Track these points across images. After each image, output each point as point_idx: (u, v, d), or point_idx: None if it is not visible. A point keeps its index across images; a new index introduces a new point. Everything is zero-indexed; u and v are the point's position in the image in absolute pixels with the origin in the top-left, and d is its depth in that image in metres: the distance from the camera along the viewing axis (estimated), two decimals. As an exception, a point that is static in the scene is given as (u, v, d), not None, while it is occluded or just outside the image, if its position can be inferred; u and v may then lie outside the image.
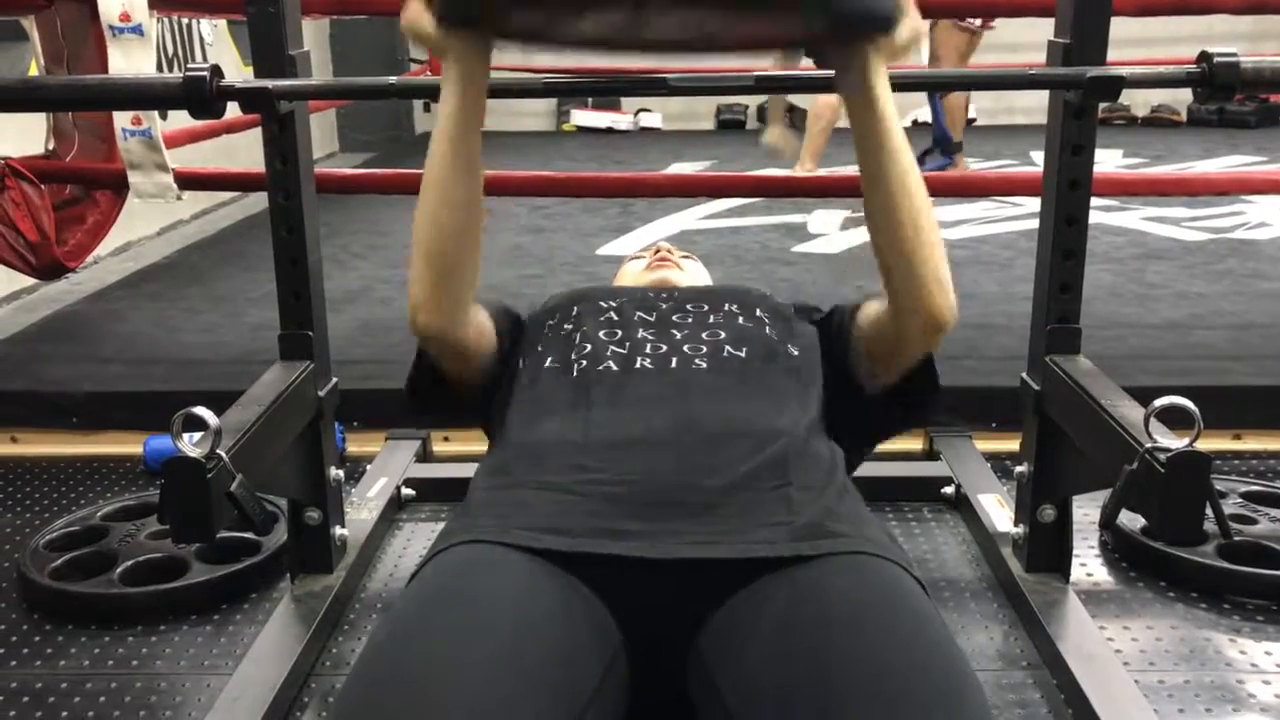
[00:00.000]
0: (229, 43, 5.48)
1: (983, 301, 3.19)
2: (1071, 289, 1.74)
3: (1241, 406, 2.44)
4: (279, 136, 1.70)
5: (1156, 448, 1.33)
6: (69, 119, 2.92)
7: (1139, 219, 4.29)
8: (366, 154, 6.92)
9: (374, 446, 2.39)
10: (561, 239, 4.11)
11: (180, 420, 1.32)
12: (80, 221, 3.00)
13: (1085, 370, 1.69)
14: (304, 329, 1.78)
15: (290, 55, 1.68)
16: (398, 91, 1.64)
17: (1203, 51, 1.48)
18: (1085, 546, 1.97)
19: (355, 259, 3.89)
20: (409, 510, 2.19)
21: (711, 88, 1.53)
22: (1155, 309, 3.10)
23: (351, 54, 6.94)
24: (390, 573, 1.95)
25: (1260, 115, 7.10)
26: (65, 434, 2.53)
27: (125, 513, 2.08)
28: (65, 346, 2.99)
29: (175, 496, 1.34)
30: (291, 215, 1.74)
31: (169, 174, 2.66)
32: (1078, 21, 1.63)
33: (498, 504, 1.23)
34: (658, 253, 1.81)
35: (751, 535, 1.15)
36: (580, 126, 7.67)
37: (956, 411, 2.42)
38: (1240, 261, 3.65)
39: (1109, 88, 1.54)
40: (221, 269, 3.87)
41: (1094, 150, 1.70)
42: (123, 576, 1.84)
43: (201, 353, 2.86)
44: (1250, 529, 1.93)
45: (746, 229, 4.25)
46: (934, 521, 2.11)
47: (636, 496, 1.18)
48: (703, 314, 1.48)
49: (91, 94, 1.76)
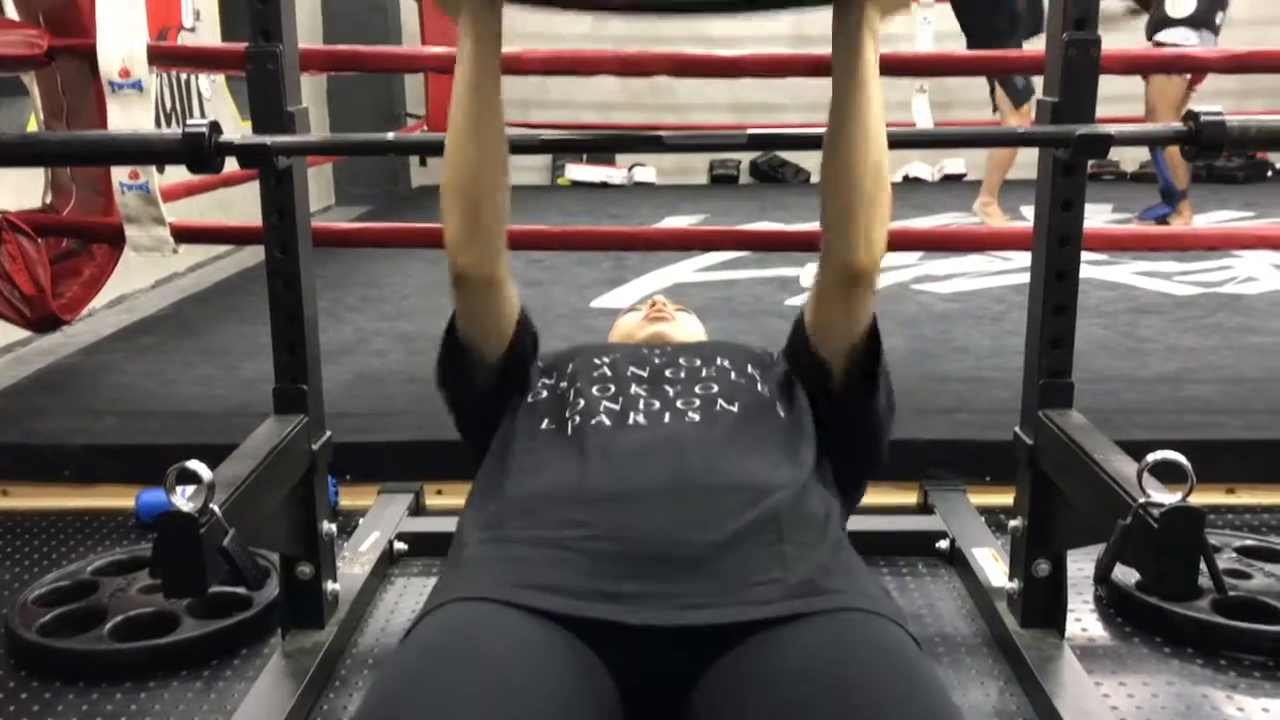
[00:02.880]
0: (227, 98, 5.52)
1: (975, 355, 3.20)
2: (1063, 343, 1.76)
3: (1234, 461, 2.44)
4: (276, 191, 1.72)
5: (1150, 503, 1.33)
6: (67, 173, 2.94)
7: (1129, 273, 4.32)
8: (362, 207, 6.95)
9: (367, 500, 2.38)
10: (557, 291, 4.13)
11: (174, 474, 1.32)
12: (76, 274, 3.00)
13: (1078, 425, 1.69)
14: (299, 383, 1.78)
15: (289, 111, 1.70)
16: (396, 148, 1.66)
17: (1189, 110, 1.50)
18: (1080, 601, 1.96)
19: (350, 311, 3.90)
20: (401, 565, 2.18)
21: (705, 144, 1.55)
22: (1147, 363, 3.12)
23: (348, 109, 7.00)
24: (382, 628, 1.94)
25: (1248, 171, 7.17)
26: (58, 487, 2.51)
27: (116, 567, 2.06)
28: (59, 399, 2.99)
29: (167, 551, 1.33)
30: (288, 269, 1.75)
31: (165, 227, 2.67)
32: (1066, 80, 1.66)
33: (492, 560, 1.22)
34: (653, 305, 1.82)
35: (745, 595, 1.14)
36: (575, 180, 7.72)
37: (950, 465, 2.42)
38: (1230, 316, 3.67)
39: (1098, 145, 1.56)
40: (216, 322, 3.88)
41: (1084, 206, 1.72)
42: (112, 632, 1.82)
43: (196, 405, 2.86)
44: (1245, 584, 1.92)
45: (739, 282, 4.28)
46: (929, 576, 2.10)
47: (631, 553, 1.18)
48: (695, 369, 1.49)
49: (91, 149, 1.77)
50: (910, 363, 3.09)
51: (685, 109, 7.41)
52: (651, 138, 1.52)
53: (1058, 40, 1.68)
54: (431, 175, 7.55)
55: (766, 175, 7.73)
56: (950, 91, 6.98)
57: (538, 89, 7.07)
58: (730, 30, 7.33)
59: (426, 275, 4.33)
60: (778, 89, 7.11)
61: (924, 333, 3.47)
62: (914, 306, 3.82)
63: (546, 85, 6.99)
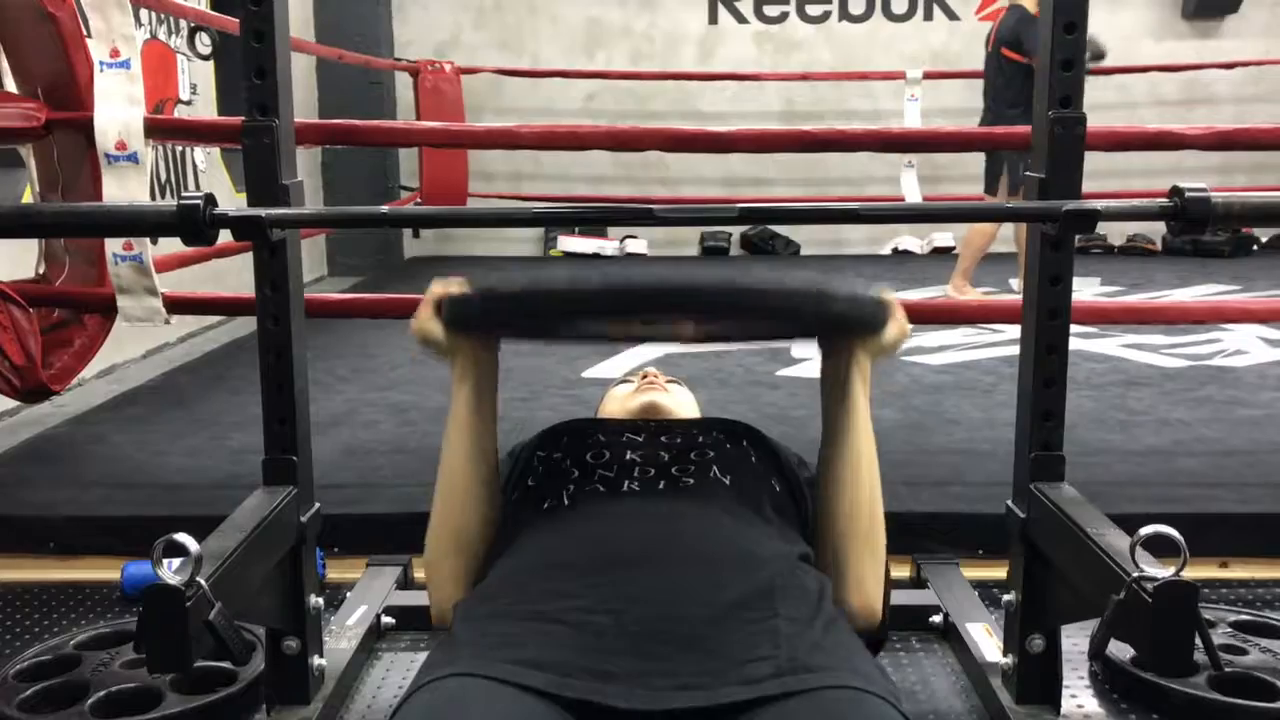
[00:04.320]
0: (221, 169, 5.57)
1: (966, 427, 3.20)
2: (1054, 416, 1.76)
3: (1228, 534, 2.43)
4: (270, 263, 1.72)
5: (1144, 577, 1.32)
6: (61, 243, 2.95)
7: (1118, 345, 4.34)
8: (355, 278, 6.98)
9: (354, 573, 2.35)
10: (548, 362, 4.13)
11: (161, 547, 1.30)
12: (67, 345, 3.00)
13: (1070, 498, 1.69)
14: (288, 454, 1.77)
15: (284, 185, 1.71)
16: (390, 220, 1.67)
17: (1174, 186, 1.52)
18: (1075, 677, 1.94)
19: (341, 382, 3.89)
20: (389, 639, 2.15)
21: (697, 218, 1.56)
22: (1138, 435, 3.12)
23: (342, 181, 7.05)
24: (368, 704, 1.91)
25: (1234, 245, 7.25)
26: (42, 559, 2.48)
27: (99, 641, 2.03)
28: (46, 469, 2.96)
29: (153, 625, 1.31)
30: (279, 340, 1.75)
31: (158, 298, 2.68)
32: (1053, 157, 1.68)
33: (483, 634, 1.21)
34: (645, 377, 1.83)
35: (737, 674, 1.13)
36: (567, 252, 7.77)
37: (943, 538, 2.41)
38: (1220, 389, 3.68)
39: (1085, 221, 1.57)
40: (206, 392, 3.87)
41: (1072, 280, 1.74)
42: (94, 708, 1.79)
43: (184, 477, 2.84)
44: (1241, 659, 1.91)
45: (730, 353, 4.28)
46: (922, 651, 2.08)
47: (621, 627, 1.17)
48: (691, 436, 1.49)
49: (86, 221, 1.78)
50: (901, 435, 3.09)
51: (676, 182, 7.50)
52: (643, 211, 1.54)
53: (1044, 117, 1.70)
54: (424, 247, 7.61)
55: (757, 248, 7.78)
56: (938, 166, 7.08)
57: (531, 162, 7.14)
58: (721, 106, 7.45)
59: (417, 347, 4.33)
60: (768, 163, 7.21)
61: (915, 404, 3.48)
62: (905, 378, 3.83)
63: (540, 158, 7.07)
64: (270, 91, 1.71)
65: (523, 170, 7.17)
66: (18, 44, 2.80)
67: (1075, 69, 1.69)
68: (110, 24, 2.56)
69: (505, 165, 7.23)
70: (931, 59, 7.43)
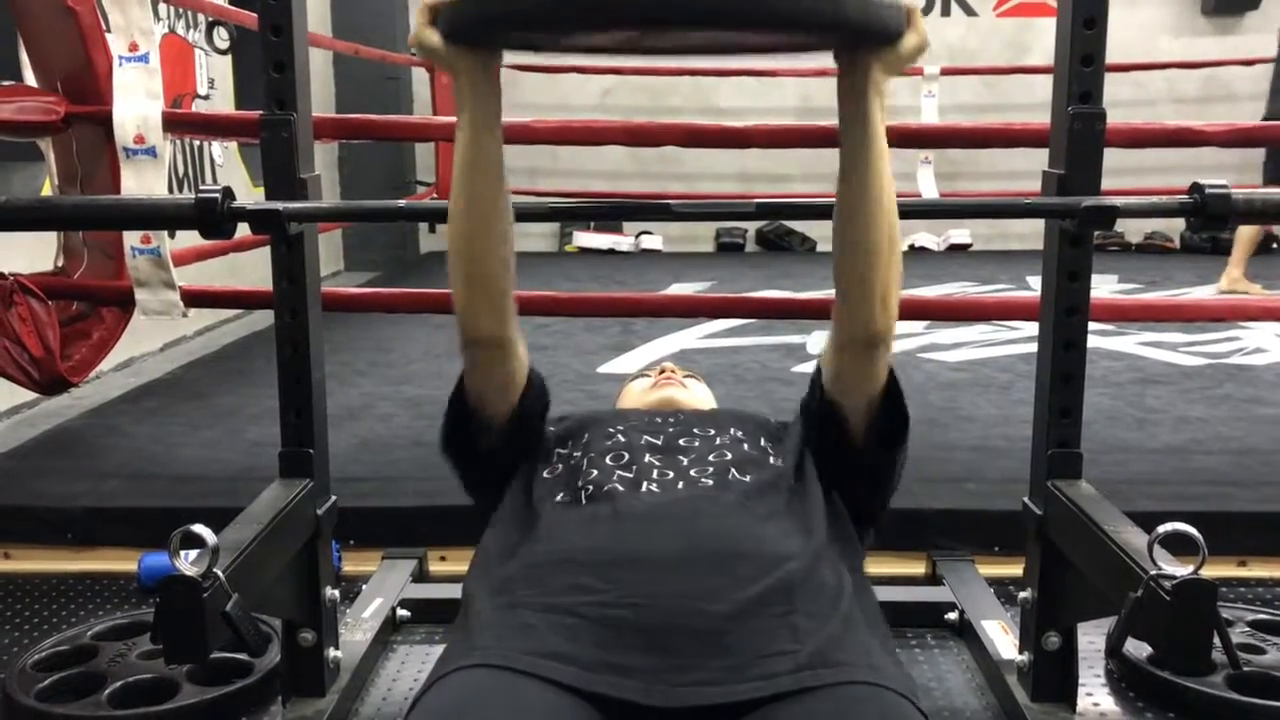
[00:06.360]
0: (239, 163, 5.59)
1: (982, 424, 3.19)
2: (1071, 413, 1.75)
3: (1246, 533, 2.42)
4: (287, 257, 1.73)
5: (1162, 575, 1.32)
6: (79, 237, 2.96)
7: (1135, 344, 4.31)
8: (371, 273, 7.00)
9: (370, 565, 2.36)
10: (564, 357, 4.14)
11: (178, 538, 1.31)
12: (85, 337, 3.02)
13: (1087, 495, 1.68)
14: (305, 447, 1.78)
15: (301, 178, 1.71)
16: (407, 214, 1.67)
17: (1194, 183, 1.51)
18: (1091, 675, 1.93)
19: (357, 376, 3.90)
20: (404, 632, 2.15)
21: (713, 213, 1.56)
22: (1155, 433, 3.10)
23: (359, 175, 7.07)
24: (383, 697, 1.92)
25: (1253, 243, 7.19)
26: (60, 550, 2.50)
27: (116, 632, 2.04)
28: (63, 461, 2.98)
29: (170, 616, 1.32)
30: (297, 333, 1.75)
31: (175, 291, 2.69)
32: (1071, 153, 1.68)
33: (500, 626, 1.21)
34: (662, 372, 1.83)
35: (756, 669, 1.13)
36: (582, 247, 7.76)
37: (958, 535, 2.41)
38: (1238, 387, 3.66)
39: (1104, 217, 1.57)
40: (223, 385, 3.88)
41: (1090, 277, 1.73)
42: (111, 698, 1.80)
43: (201, 469, 2.85)
44: (1259, 659, 1.90)
45: (746, 349, 4.28)
46: (938, 649, 2.08)
47: (642, 622, 1.17)
48: (709, 438, 1.49)
49: (105, 214, 1.79)
50: (917, 432, 3.03)
51: (692, 178, 7.48)
52: (660, 206, 1.54)
53: (1063, 113, 1.69)
54: (440, 242, 7.56)
55: (773, 244, 7.76)
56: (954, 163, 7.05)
57: (548, 157, 7.14)
58: (737, 101, 7.43)
59: (433, 340, 4.34)
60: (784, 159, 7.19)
61: (931, 401, 3.46)
62: (921, 375, 3.81)
63: (556, 154, 7.07)
64: (288, 86, 1.72)
65: (539, 166, 7.17)
66: (38, 38, 2.82)
67: (1095, 64, 1.68)
68: (129, 18, 2.57)
69: (521, 160, 7.14)
70: (949, 55, 7.39)
